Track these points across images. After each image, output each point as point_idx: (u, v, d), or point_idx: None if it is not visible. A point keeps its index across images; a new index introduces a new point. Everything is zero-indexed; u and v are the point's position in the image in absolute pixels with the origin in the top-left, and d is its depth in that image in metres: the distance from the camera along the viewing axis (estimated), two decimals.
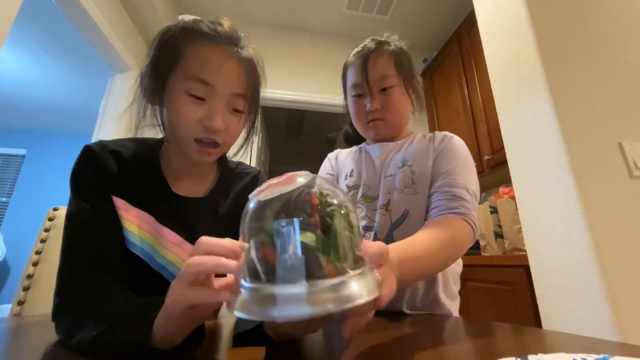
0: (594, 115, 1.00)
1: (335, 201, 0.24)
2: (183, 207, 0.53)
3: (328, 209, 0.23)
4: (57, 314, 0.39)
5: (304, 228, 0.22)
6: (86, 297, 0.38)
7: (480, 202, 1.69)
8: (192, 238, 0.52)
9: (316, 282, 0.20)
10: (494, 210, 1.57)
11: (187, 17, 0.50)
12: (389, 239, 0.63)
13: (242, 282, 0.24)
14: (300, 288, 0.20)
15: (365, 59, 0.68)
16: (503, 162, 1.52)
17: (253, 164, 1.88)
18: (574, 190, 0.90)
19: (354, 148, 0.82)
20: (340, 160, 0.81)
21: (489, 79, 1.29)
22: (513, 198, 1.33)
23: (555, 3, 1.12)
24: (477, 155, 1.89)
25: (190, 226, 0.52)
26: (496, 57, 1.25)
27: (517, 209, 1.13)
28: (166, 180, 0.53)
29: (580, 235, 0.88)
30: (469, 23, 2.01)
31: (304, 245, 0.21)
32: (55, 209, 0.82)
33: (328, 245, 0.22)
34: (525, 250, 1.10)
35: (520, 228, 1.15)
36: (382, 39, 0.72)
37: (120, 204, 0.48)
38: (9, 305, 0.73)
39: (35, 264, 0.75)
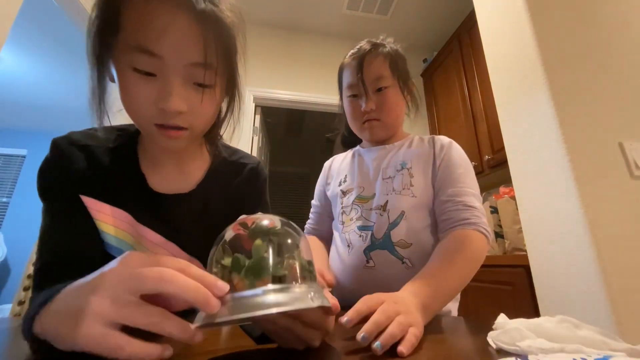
0: (595, 115, 1.00)
1: (259, 235, 0.28)
2: (164, 206, 0.47)
3: (255, 240, 0.27)
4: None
5: (229, 253, 0.27)
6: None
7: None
8: (175, 238, 0.48)
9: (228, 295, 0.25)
10: (494, 210, 1.57)
11: None
12: (386, 238, 0.65)
13: None
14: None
15: (361, 60, 0.69)
16: (503, 162, 1.52)
17: None
18: (575, 190, 0.90)
19: (349, 153, 0.84)
20: (334, 168, 0.85)
21: (489, 78, 1.29)
22: (513, 198, 1.33)
23: (556, 3, 1.12)
24: (478, 155, 1.89)
25: (173, 225, 0.47)
26: (497, 57, 1.25)
27: (517, 208, 1.13)
28: (144, 176, 0.47)
29: (581, 235, 0.88)
30: (470, 23, 2.01)
31: (224, 266, 0.27)
32: None
33: (240, 265, 0.26)
34: (525, 250, 1.10)
35: (521, 228, 1.15)
36: (378, 41, 0.73)
37: (91, 204, 0.43)
38: (10, 305, 0.73)
39: (35, 264, 0.75)
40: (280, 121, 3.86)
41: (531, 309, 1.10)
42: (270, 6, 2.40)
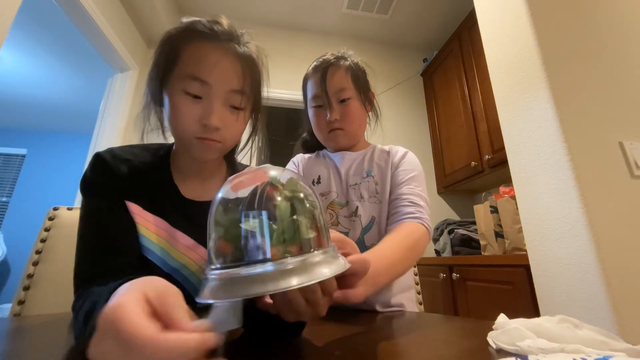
0: (595, 114, 1.00)
1: (286, 192, 0.25)
2: (195, 212, 0.54)
3: (278, 199, 0.24)
4: (73, 309, 0.38)
5: (248, 216, 0.23)
6: (93, 292, 0.37)
7: (481, 202, 1.70)
8: (204, 241, 0.53)
9: (255, 265, 0.22)
10: (494, 210, 1.57)
11: (187, 19, 0.51)
12: (360, 243, 0.69)
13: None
14: (239, 270, 0.22)
15: (324, 72, 0.73)
16: (503, 162, 1.52)
17: (253, 164, 1.88)
18: (575, 190, 0.90)
19: (317, 154, 0.85)
20: (306, 167, 0.84)
21: (489, 78, 1.29)
22: (513, 197, 1.33)
23: (556, 2, 1.12)
24: (478, 155, 1.89)
25: (203, 230, 0.51)
26: (497, 56, 1.25)
27: (517, 208, 1.13)
28: (177, 187, 0.54)
29: (581, 234, 0.88)
30: (470, 22, 2.00)
31: (247, 231, 0.23)
32: (55, 209, 0.82)
33: (271, 230, 0.23)
34: (525, 250, 1.10)
35: (521, 228, 1.15)
36: (339, 54, 0.77)
37: (135, 209, 0.49)
38: (9, 305, 0.73)
39: (35, 264, 0.75)
40: (280, 121, 3.86)
41: (531, 309, 1.10)
42: (270, 6, 2.40)
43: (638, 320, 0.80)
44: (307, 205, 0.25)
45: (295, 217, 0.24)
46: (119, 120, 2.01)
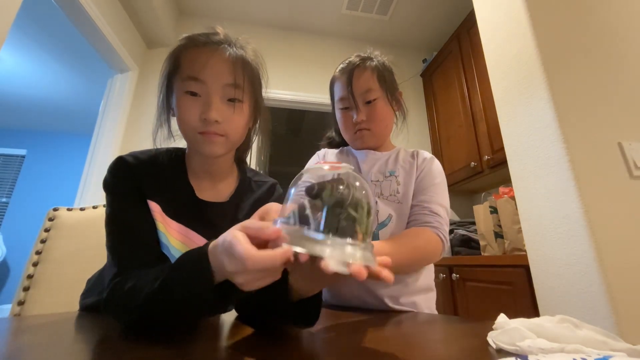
0: (594, 115, 1.00)
1: (364, 192, 0.33)
2: (209, 212, 0.57)
3: (363, 199, 0.32)
4: (111, 297, 0.42)
5: (353, 206, 0.31)
6: (139, 272, 0.42)
7: (480, 202, 1.70)
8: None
9: (355, 242, 0.30)
10: (493, 210, 1.57)
11: (186, 34, 0.57)
12: (374, 238, 0.70)
13: (282, 221, 0.32)
14: (348, 241, 0.29)
15: (350, 74, 0.74)
16: (503, 162, 1.52)
17: (253, 164, 1.88)
18: (574, 190, 0.90)
19: (341, 150, 0.87)
20: (328, 159, 0.86)
21: (489, 79, 1.29)
22: (513, 198, 1.33)
23: (556, 3, 1.12)
24: (477, 155, 1.89)
25: (215, 230, 0.55)
26: (496, 57, 1.26)
27: (517, 208, 1.14)
28: (192, 187, 0.57)
29: (581, 235, 0.88)
30: (469, 23, 2.01)
31: (351, 216, 0.31)
32: (55, 209, 0.82)
33: (363, 221, 0.31)
34: (525, 250, 1.10)
35: (520, 228, 1.15)
36: (365, 55, 0.78)
37: (156, 208, 0.52)
38: (9, 306, 0.73)
39: (35, 264, 0.75)
40: (280, 121, 3.86)
41: (531, 309, 1.10)
42: (269, 6, 2.40)
43: (638, 320, 0.80)
44: (372, 212, 0.34)
45: (370, 218, 0.32)
46: (119, 121, 2.01)
